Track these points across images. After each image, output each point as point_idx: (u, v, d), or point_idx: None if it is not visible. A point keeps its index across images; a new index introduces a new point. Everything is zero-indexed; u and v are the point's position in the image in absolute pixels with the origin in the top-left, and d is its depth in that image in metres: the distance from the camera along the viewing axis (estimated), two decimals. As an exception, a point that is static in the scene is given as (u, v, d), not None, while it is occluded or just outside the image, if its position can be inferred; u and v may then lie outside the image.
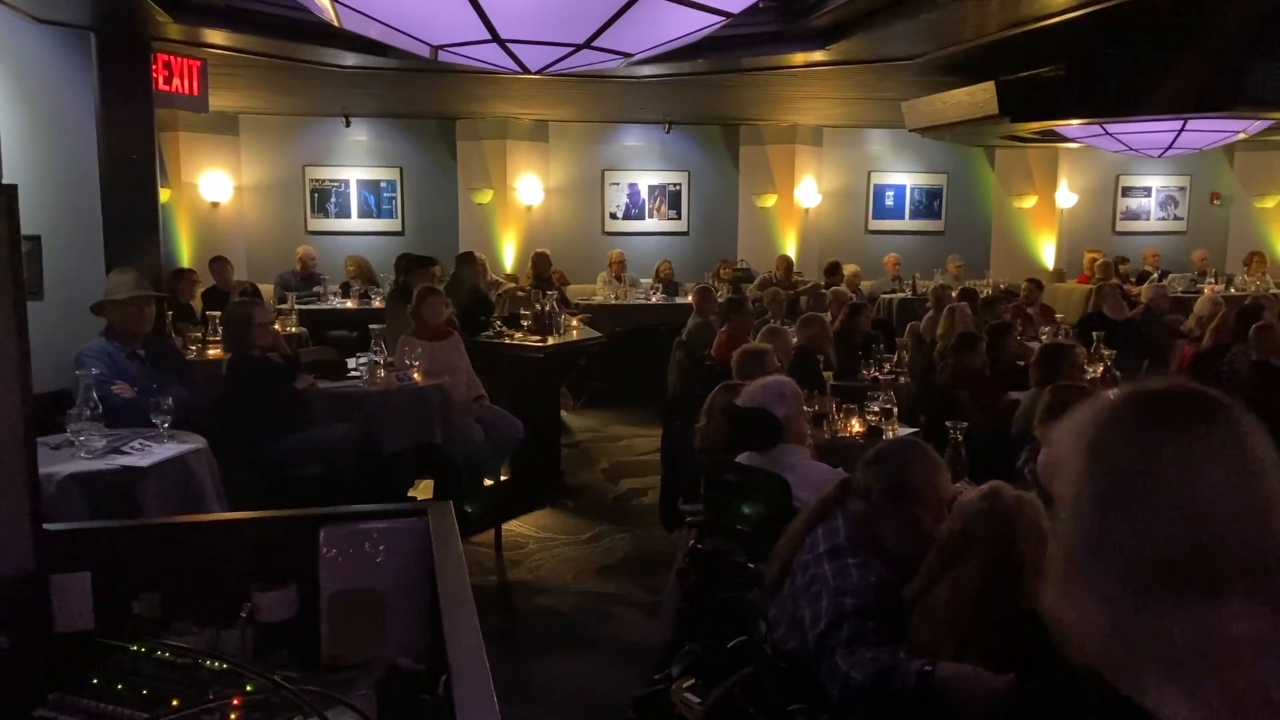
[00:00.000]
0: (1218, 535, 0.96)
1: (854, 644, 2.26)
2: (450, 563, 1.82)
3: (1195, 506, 0.97)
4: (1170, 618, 0.96)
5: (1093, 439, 1.04)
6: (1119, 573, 0.98)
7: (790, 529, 2.64)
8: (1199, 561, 0.95)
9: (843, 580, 2.37)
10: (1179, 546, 0.96)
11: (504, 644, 4.63)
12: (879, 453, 2.64)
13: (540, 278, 10.15)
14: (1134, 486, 0.99)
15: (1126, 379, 4.16)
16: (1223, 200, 13.16)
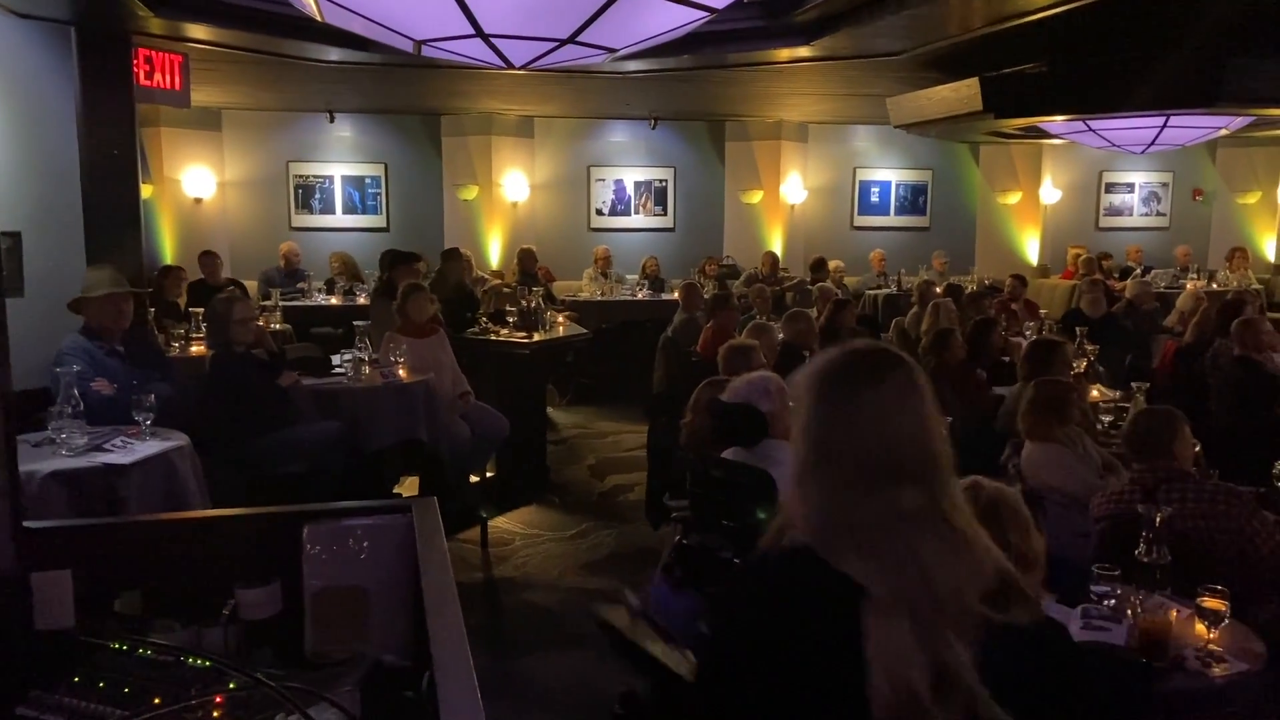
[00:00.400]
0: (898, 446, 1.43)
1: None
2: (434, 559, 1.81)
3: (884, 428, 1.44)
4: (864, 504, 1.42)
5: (818, 383, 1.52)
6: (833, 474, 1.45)
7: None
8: (885, 463, 1.42)
9: None
10: (873, 454, 1.43)
11: (489, 640, 4.62)
12: None
13: (526, 274, 10.14)
14: (843, 416, 1.47)
15: (1110, 374, 4.21)
16: (1205, 196, 13.25)
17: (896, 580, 1.37)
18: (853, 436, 1.44)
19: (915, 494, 1.41)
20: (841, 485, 1.43)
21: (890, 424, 1.45)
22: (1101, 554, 3.03)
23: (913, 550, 1.38)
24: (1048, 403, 4.02)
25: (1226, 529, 3.10)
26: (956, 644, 1.35)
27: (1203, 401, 5.95)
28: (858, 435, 1.44)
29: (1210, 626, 2.51)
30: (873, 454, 1.43)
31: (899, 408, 1.46)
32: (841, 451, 1.44)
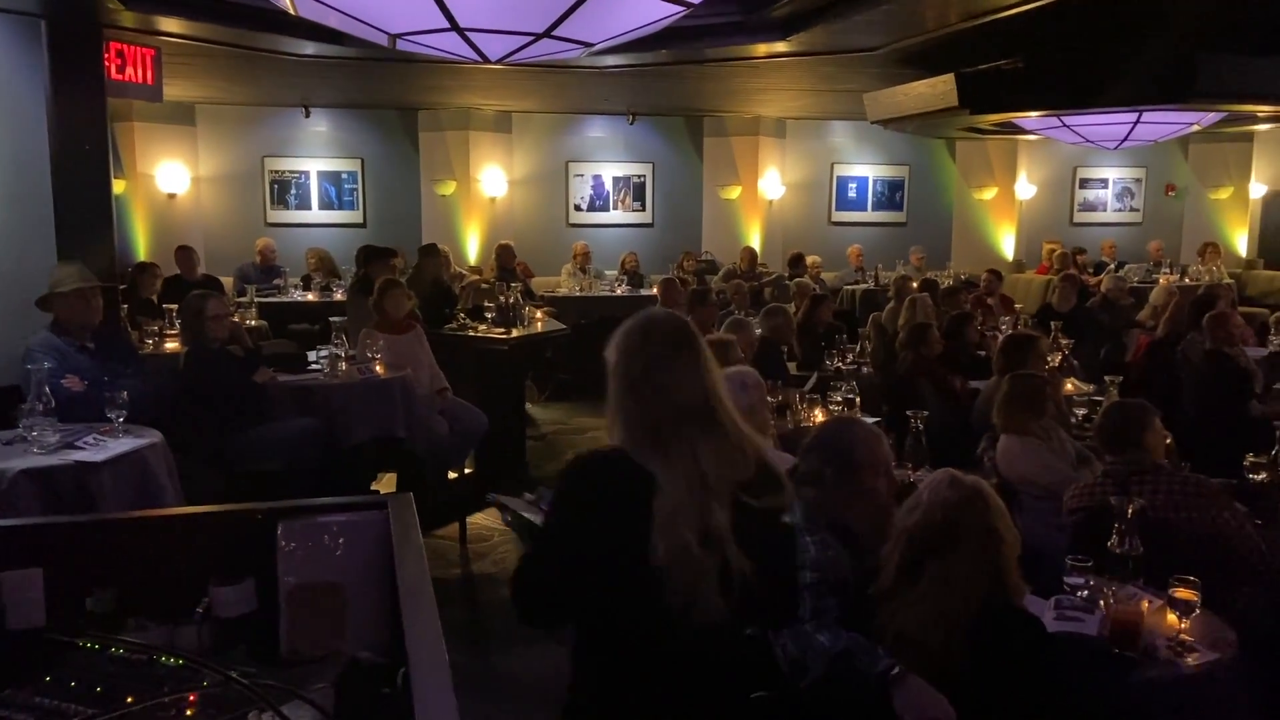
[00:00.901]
0: (687, 385, 1.96)
1: (822, 614, 2.28)
2: (410, 555, 1.80)
3: (677, 374, 1.97)
4: (662, 422, 1.95)
5: (622, 351, 2.03)
6: (640, 402, 1.98)
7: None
8: (677, 397, 1.95)
9: (801, 556, 2.40)
10: (668, 390, 1.96)
11: (467, 637, 4.61)
12: (819, 437, 2.68)
13: (504, 270, 10.11)
14: (648, 363, 1.98)
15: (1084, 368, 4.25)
16: (1177, 192, 13.39)
17: (680, 469, 1.91)
18: (655, 378, 1.97)
19: (696, 414, 1.95)
20: (647, 410, 1.97)
21: (681, 370, 1.97)
22: (1075, 546, 3.06)
23: (692, 449, 1.92)
24: (1022, 397, 4.05)
25: (1198, 520, 3.14)
26: (719, 512, 1.91)
27: (1175, 395, 6.02)
28: (659, 377, 1.97)
29: (1181, 616, 2.54)
30: (668, 389, 1.95)
31: (688, 360, 1.99)
32: (646, 387, 1.97)
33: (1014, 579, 2.26)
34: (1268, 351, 7.02)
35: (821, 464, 2.58)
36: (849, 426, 2.75)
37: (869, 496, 2.58)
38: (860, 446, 2.60)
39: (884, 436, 2.72)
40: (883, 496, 2.60)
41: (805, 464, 2.64)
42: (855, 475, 2.57)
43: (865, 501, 2.56)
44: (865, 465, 2.61)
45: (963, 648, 2.15)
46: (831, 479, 2.56)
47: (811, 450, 2.66)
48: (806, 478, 2.61)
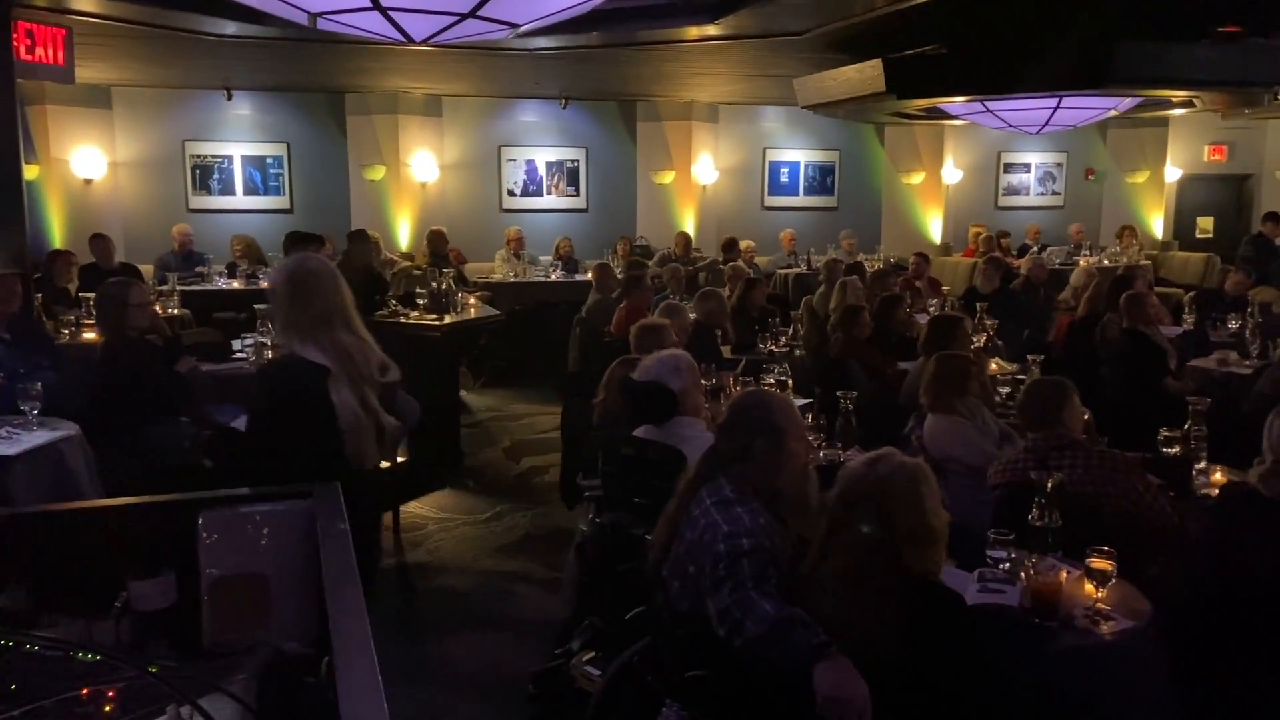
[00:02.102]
0: (335, 304, 2.89)
1: (761, 581, 2.31)
2: (335, 543, 1.78)
3: (326, 296, 2.90)
4: (320, 329, 2.85)
5: (293, 273, 2.96)
6: (305, 317, 2.85)
7: (669, 504, 2.68)
8: (328, 311, 2.86)
9: (735, 524, 2.44)
10: (321, 306, 2.87)
11: (403, 626, 4.57)
12: (739, 412, 2.72)
13: (437, 255, 9.98)
14: (306, 287, 2.88)
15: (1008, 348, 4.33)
16: (1096, 176, 13.77)
17: (338, 362, 2.82)
18: (313, 297, 2.86)
19: (342, 322, 2.89)
20: (310, 322, 2.84)
21: (327, 293, 2.88)
22: (998, 520, 3.13)
23: (343, 347, 2.85)
24: (948, 376, 4.13)
25: (1114, 493, 3.24)
26: (370, 392, 2.92)
27: (1094, 372, 6.21)
28: (314, 297, 2.86)
29: (1098, 586, 2.62)
30: (321, 306, 2.85)
31: (331, 287, 2.91)
32: (307, 306, 2.85)
33: (923, 561, 2.29)
34: (1181, 330, 7.27)
35: (749, 436, 2.62)
36: (764, 396, 2.85)
37: (792, 460, 2.64)
38: (779, 413, 2.67)
39: (793, 401, 2.80)
40: (803, 459, 2.70)
41: (730, 440, 2.67)
42: (781, 441, 2.62)
43: (790, 465, 2.63)
44: (788, 430, 2.67)
45: (880, 623, 2.19)
46: (761, 449, 2.59)
47: (734, 425, 2.68)
48: (734, 453, 2.63)
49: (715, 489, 2.56)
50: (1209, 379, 5.95)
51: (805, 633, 2.18)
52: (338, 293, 2.93)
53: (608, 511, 3.79)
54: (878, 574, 2.24)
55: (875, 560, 2.25)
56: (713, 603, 2.35)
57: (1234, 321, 7.18)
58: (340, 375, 2.83)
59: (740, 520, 2.44)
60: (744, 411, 2.71)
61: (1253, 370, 5.80)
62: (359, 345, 2.95)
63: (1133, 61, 6.32)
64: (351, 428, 2.86)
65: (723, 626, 2.30)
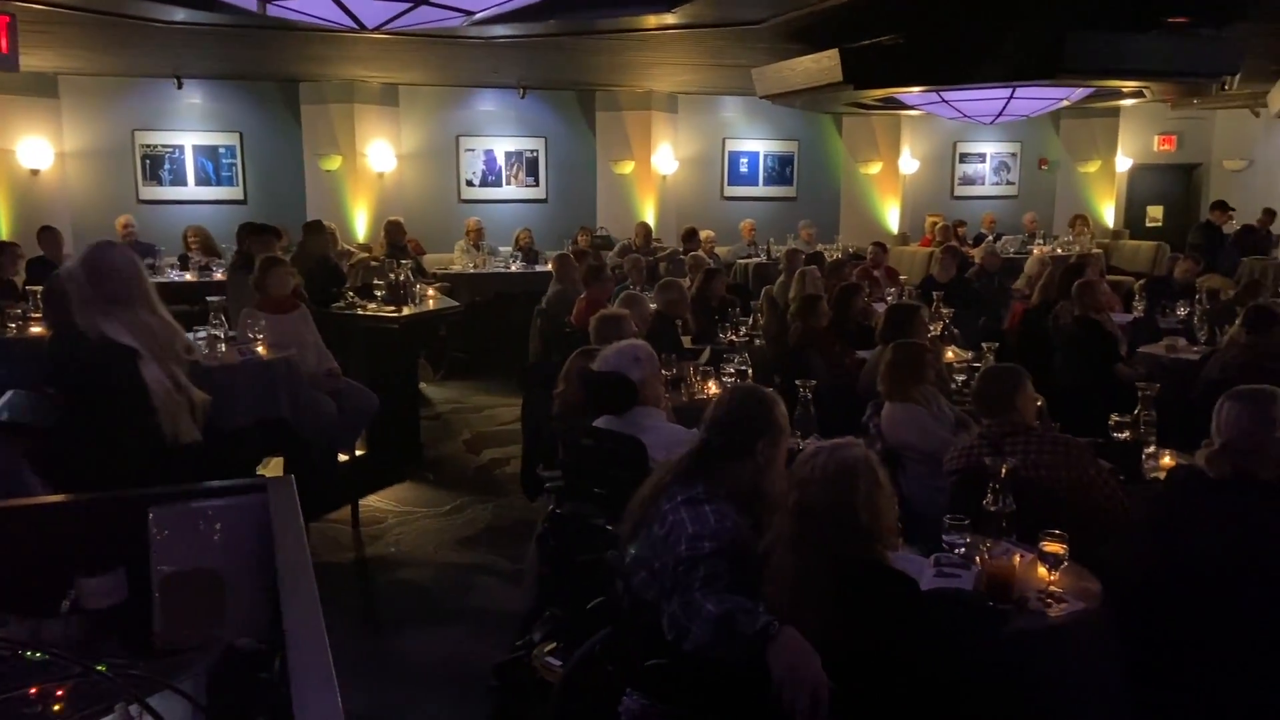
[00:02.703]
0: (134, 287, 3.23)
1: (712, 581, 2.30)
2: (290, 538, 1.75)
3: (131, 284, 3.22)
4: (111, 310, 3.11)
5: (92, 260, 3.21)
6: (99, 300, 3.10)
7: (644, 486, 2.65)
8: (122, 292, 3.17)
9: (700, 525, 2.41)
10: (118, 287, 3.17)
11: (364, 621, 4.54)
12: (738, 410, 2.64)
13: (395, 246, 9.88)
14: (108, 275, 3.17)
15: (964, 335, 4.39)
16: (1050, 166, 13.97)
17: (143, 340, 3.02)
18: (110, 278, 3.10)
19: (143, 303, 3.16)
20: (101, 302, 3.05)
21: (125, 276, 3.13)
22: (954, 506, 3.17)
23: (144, 325, 3.06)
24: (904, 364, 4.17)
25: (1065, 477, 3.29)
26: (177, 369, 3.15)
27: (1048, 359, 6.31)
28: (111, 278, 3.10)
29: (1051, 569, 2.67)
30: (118, 287, 3.11)
31: (130, 272, 3.18)
32: (101, 285, 3.09)
33: (872, 545, 2.31)
34: (1132, 317, 7.41)
35: (753, 436, 2.57)
36: (762, 394, 2.74)
37: (782, 460, 2.62)
38: (778, 412, 2.64)
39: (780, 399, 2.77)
40: (785, 457, 2.66)
41: (727, 438, 2.60)
42: (778, 441, 2.62)
43: (780, 465, 2.61)
44: (785, 430, 2.67)
45: (832, 608, 2.21)
46: (763, 450, 2.57)
47: (734, 424, 2.61)
48: (732, 452, 2.58)
49: (687, 486, 2.53)
50: (1158, 365, 6.07)
51: (747, 620, 2.18)
52: (137, 276, 3.18)
53: (568, 502, 3.78)
54: (811, 558, 2.25)
55: (805, 545, 2.26)
56: (665, 608, 2.35)
57: (1183, 308, 7.33)
58: (147, 354, 3.06)
59: (706, 521, 2.42)
60: (744, 409, 2.64)
61: (1200, 356, 5.92)
62: (163, 325, 3.18)
63: (1084, 52, 6.41)
64: (165, 404, 3.08)
65: (671, 632, 2.30)
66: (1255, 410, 2.88)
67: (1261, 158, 13.79)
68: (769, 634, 2.14)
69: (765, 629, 2.15)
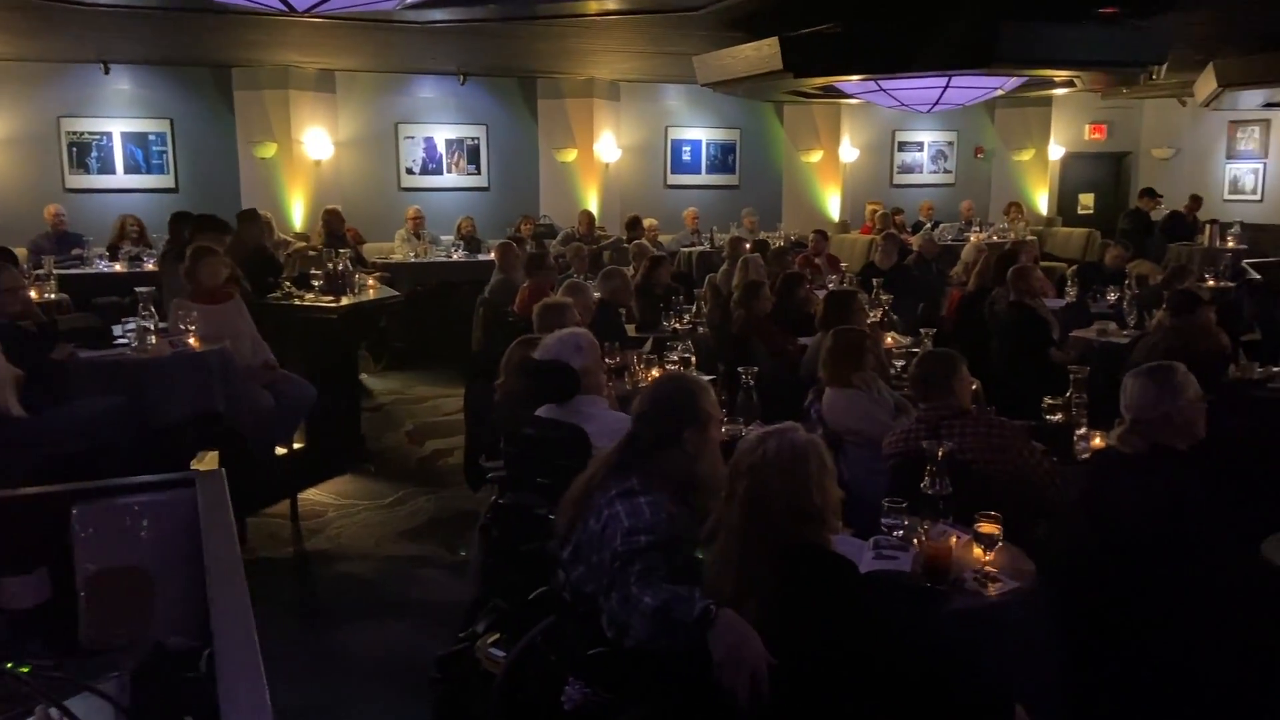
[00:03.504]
0: None
1: (648, 575, 2.29)
2: (218, 532, 1.71)
3: None
4: None
5: None
6: None
7: (577, 480, 2.64)
8: None
9: (635, 518, 2.40)
10: None
11: (304, 615, 4.48)
12: (662, 400, 2.64)
13: (333, 235, 9.71)
14: None
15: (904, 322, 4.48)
16: (985, 154, 14.22)
17: None
18: None
19: None
20: None
21: None
22: (893, 489, 3.22)
23: None
24: (844, 350, 4.21)
25: (1000, 459, 3.36)
26: None
27: (984, 344, 6.43)
28: None
29: (986, 549, 2.72)
30: None
31: None
32: None
33: (816, 529, 2.32)
34: (1065, 302, 7.58)
35: (678, 426, 2.56)
36: (686, 382, 2.76)
37: (713, 446, 2.63)
38: (704, 399, 2.64)
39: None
40: (719, 443, 2.66)
41: (653, 429, 2.59)
42: (707, 428, 2.62)
43: (711, 451, 2.61)
44: (714, 416, 2.67)
45: (774, 594, 2.22)
46: (690, 438, 2.57)
47: (659, 414, 2.61)
48: (659, 442, 2.57)
49: (622, 479, 2.51)
50: (1089, 349, 6.22)
51: (685, 608, 2.18)
52: None
53: (511, 492, 3.75)
54: (757, 544, 2.26)
55: (753, 531, 2.27)
56: (605, 605, 2.33)
57: (1113, 294, 7.52)
58: None
59: (642, 514, 2.40)
60: (668, 399, 2.64)
61: (1130, 340, 6.07)
62: None
63: (1018, 42, 6.51)
64: None
65: (612, 630, 2.29)
66: (1157, 383, 2.97)
67: (1188, 146, 14.19)
68: (708, 619, 2.15)
69: (704, 614, 2.16)
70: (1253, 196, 13.45)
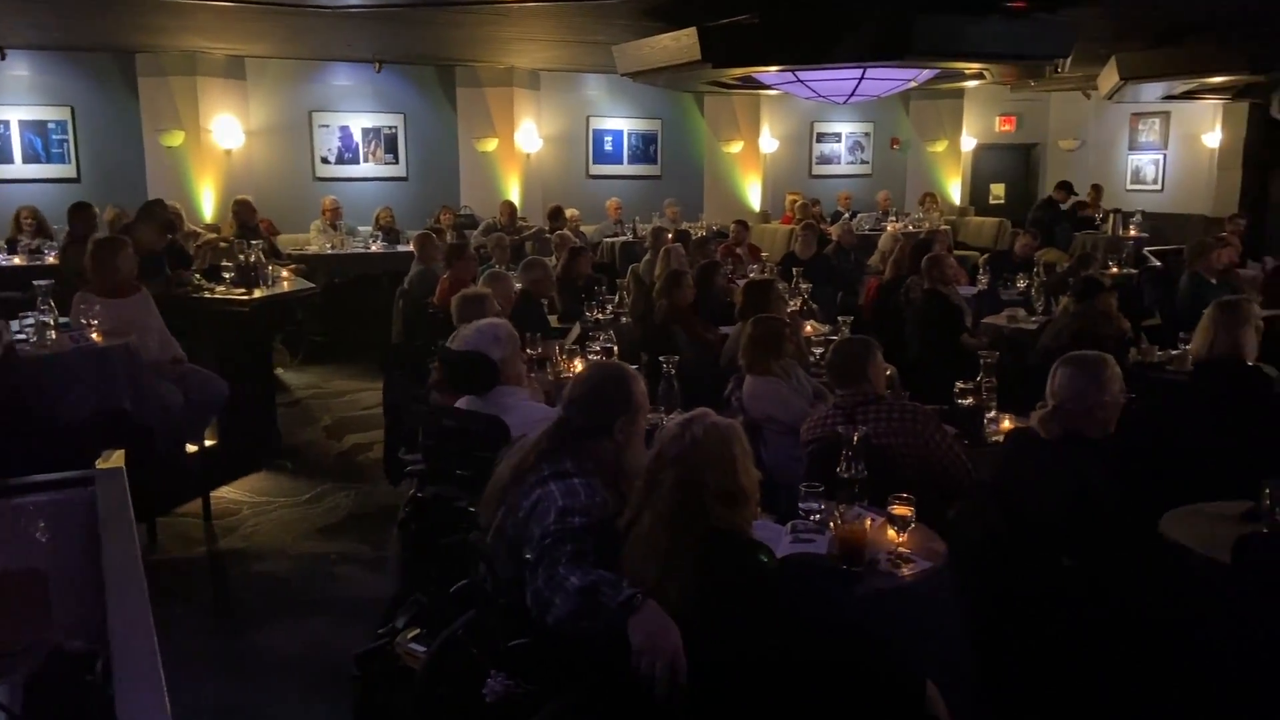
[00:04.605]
0: None
1: (577, 558, 2.29)
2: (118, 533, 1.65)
3: None
4: None
5: None
6: None
7: (502, 466, 2.62)
8: None
9: (571, 498, 2.39)
10: None
11: (218, 616, 4.37)
12: (596, 387, 2.64)
13: (244, 227, 9.45)
14: None
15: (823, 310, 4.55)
16: (901, 145, 14.50)
17: None
18: None
19: None
20: None
21: None
22: (811, 474, 3.27)
23: None
24: (763, 338, 4.26)
25: (913, 443, 3.44)
26: None
27: (900, 331, 6.57)
28: None
29: (899, 531, 2.78)
30: None
31: None
32: None
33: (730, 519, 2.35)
34: (977, 290, 7.79)
35: (611, 414, 2.56)
36: (621, 371, 2.75)
37: (640, 437, 2.64)
38: (636, 389, 2.65)
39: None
40: (644, 433, 2.67)
41: (586, 416, 2.59)
42: (637, 418, 2.62)
43: (639, 442, 2.62)
44: (643, 407, 2.68)
45: (681, 582, 2.24)
46: (621, 428, 2.57)
47: (592, 401, 2.60)
48: (590, 430, 2.57)
49: (554, 463, 2.50)
50: (1000, 335, 6.41)
51: (612, 592, 2.19)
52: None
53: (430, 485, 3.71)
54: (688, 530, 2.28)
55: (684, 517, 2.29)
56: (529, 581, 2.32)
57: (1022, 281, 7.75)
58: None
59: (577, 494, 2.40)
60: (602, 387, 2.64)
61: (1037, 326, 6.28)
62: None
63: (929, 35, 6.63)
64: None
65: (535, 608, 2.28)
66: (1087, 375, 3.07)
67: (1092, 138, 14.68)
68: (632, 606, 2.15)
69: (629, 601, 2.16)
70: (1153, 186, 13.99)
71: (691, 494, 2.29)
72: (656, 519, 2.31)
